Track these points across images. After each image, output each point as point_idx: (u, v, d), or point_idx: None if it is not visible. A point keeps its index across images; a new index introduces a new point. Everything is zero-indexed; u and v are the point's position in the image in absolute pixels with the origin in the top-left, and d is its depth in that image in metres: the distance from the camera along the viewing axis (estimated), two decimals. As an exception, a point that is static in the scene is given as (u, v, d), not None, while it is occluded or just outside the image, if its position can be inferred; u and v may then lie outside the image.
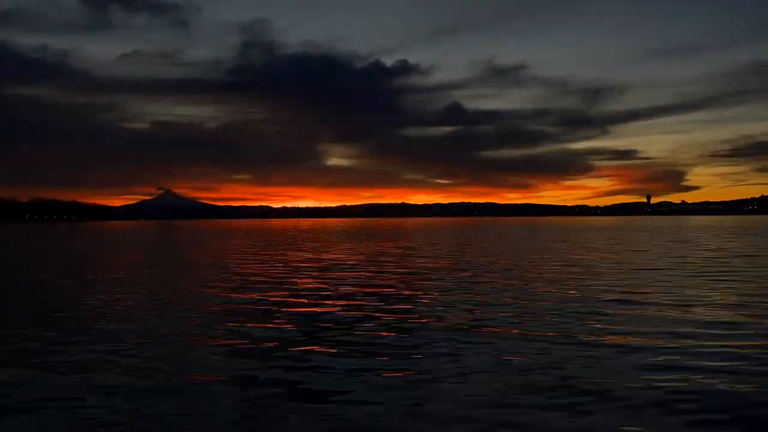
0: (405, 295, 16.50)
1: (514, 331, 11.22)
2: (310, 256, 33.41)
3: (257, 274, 22.63)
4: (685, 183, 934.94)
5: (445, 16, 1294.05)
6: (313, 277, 21.49)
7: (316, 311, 13.90)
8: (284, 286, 18.69)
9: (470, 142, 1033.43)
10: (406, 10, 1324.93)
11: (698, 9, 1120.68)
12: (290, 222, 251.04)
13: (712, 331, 10.90)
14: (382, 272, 23.21)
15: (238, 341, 10.59)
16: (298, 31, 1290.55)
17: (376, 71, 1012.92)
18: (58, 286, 19.07)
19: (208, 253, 36.10)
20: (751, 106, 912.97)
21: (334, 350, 9.84)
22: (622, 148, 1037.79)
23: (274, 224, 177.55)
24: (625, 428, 6.27)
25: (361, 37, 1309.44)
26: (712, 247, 37.09)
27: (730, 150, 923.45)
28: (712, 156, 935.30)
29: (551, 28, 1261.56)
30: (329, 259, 30.43)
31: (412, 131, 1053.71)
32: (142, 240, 62.04)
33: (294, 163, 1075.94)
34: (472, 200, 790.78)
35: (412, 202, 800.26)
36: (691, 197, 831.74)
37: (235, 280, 20.52)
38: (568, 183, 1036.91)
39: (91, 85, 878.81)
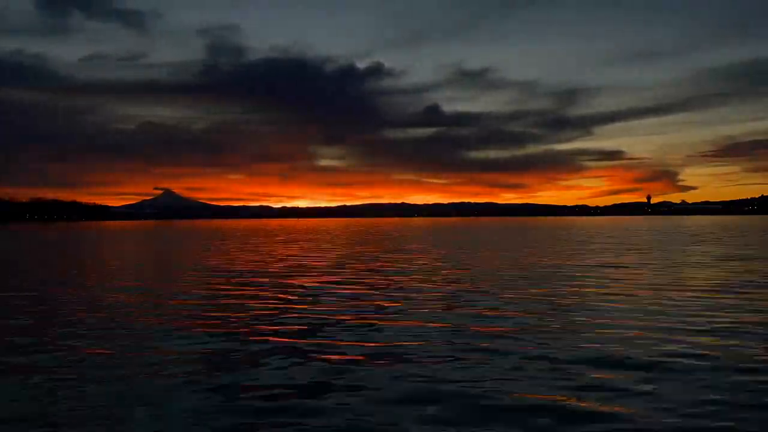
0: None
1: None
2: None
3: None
4: (681, 183, 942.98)
5: (410, 22, 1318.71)
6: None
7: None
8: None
9: (456, 143, 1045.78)
10: (371, 17, 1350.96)
11: (663, 13, 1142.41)
12: (312, 222, 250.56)
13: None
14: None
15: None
16: (265, 36, 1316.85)
17: (351, 74, 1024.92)
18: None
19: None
20: (728, 108, 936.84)
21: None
22: (608, 149, 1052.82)
23: (298, 225, 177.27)
24: None
25: (328, 43, 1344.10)
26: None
27: (716, 151, 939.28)
28: (702, 156, 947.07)
29: (516, 33, 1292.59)
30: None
31: (395, 133, 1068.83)
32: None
33: (286, 163, 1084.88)
34: (471, 200, 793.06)
35: (411, 202, 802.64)
36: (690, 197, 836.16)
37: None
38: (563, 183, 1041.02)
39: (63, 87, 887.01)
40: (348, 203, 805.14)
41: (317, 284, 20.03)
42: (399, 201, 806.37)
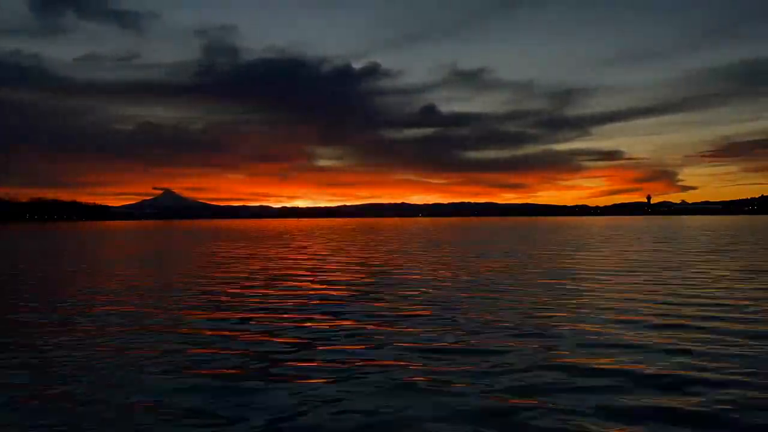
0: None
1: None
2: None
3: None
4: (680, 183, 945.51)
5: (406, 22, 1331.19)
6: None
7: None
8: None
9: (455, 143, 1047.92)
10: (367, 17, 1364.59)
11: (661, 13, 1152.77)
12: (311, 222, 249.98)
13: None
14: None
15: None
16: (261, 36, 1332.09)
17: (347, 74, 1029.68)
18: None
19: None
20: (727, 108, 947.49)
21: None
22: (606, 149, 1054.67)
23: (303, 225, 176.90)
24: None
25: (325, 43, 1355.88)
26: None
27: (715, 151, 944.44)
28: (702, 156, 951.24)
29: (512, 33, 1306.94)
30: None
31: (393, 133, 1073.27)
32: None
33: (285, 163, 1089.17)
34: (471, 200, 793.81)
35: (411, 202, 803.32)
36: (690, 197, 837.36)
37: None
38: (563, 183, 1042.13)
39: (63, 87, 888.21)
40: (348, 203, 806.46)
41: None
42: (399, 201, 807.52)
